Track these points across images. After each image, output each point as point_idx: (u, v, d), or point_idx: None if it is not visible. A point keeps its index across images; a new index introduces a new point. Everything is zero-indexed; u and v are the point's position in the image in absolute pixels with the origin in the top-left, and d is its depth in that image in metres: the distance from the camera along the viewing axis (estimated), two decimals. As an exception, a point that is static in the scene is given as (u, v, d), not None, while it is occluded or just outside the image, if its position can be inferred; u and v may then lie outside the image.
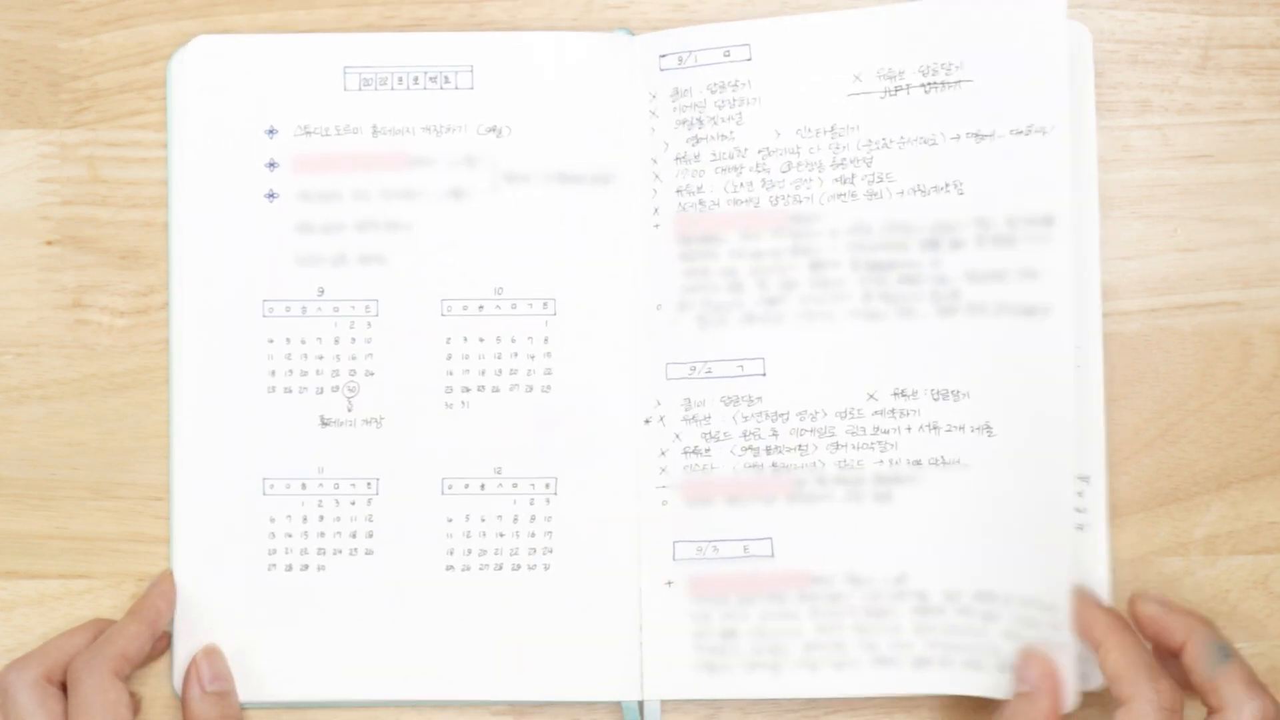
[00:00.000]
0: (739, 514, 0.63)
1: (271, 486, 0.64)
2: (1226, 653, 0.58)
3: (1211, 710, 0.58)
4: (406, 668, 0.63)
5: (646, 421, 0.64)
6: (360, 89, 0.64)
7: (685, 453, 0.64)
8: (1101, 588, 0.63)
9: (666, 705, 0.64)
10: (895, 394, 0.63)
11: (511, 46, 0.64)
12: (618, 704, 0.64)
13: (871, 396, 0.63)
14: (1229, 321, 0.65)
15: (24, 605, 0.64)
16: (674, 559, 0.63)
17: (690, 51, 0.64)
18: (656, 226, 0.64)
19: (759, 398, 0.63)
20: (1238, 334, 0.65)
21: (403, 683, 0.63)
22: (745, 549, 0.63)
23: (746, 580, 0.63)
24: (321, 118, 0.64)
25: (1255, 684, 0.57)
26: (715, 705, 0.64)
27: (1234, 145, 0.65)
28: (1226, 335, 0.65)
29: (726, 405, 0.63)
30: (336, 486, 0.64)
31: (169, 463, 0.64)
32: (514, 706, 0.64)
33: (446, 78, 0.64)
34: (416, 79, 0.64)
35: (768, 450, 0.63)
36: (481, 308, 0.64)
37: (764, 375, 0.63)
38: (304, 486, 0.64)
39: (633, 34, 0.65)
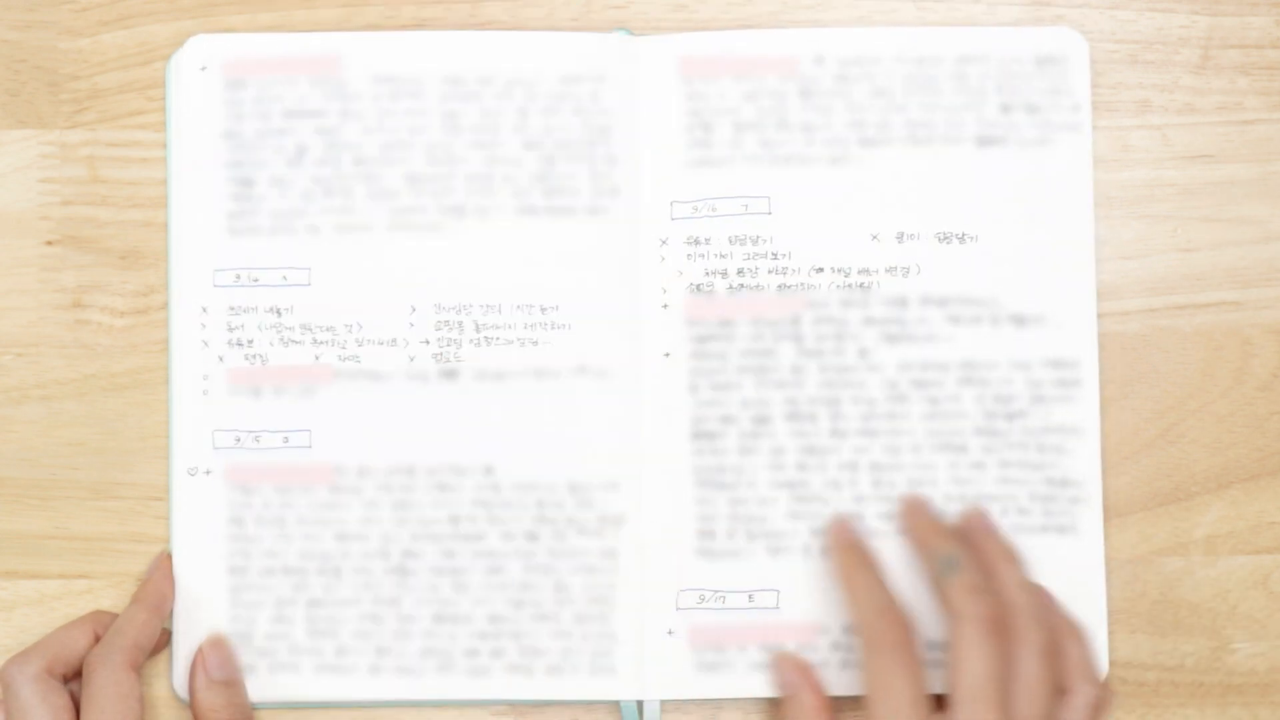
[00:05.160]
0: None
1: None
2: (954, 564, 0.59)
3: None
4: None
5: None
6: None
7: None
8: (1098, 589, 0.63)
9: (666, 705, 0.64)
10: None
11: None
12: (617, 704, 0.64)
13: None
14: (1229, 321, 0.65)
15: (24, 605, 0.64)
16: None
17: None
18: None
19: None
20: (1238, 334, 0.65)
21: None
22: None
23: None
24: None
25: (980, 590, 0.58)
26: (715, 705, 0.64)
27: (1234, 145, 0.65)
28: (1226, 335, 0.65)
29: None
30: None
31: (169, 463, 0.64)
32: (514, 706, 0.64)
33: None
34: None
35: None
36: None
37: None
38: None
39: (632, 34, 0.65)
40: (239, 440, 0.64)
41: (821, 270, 0.64)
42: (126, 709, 0.59)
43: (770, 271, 0.64)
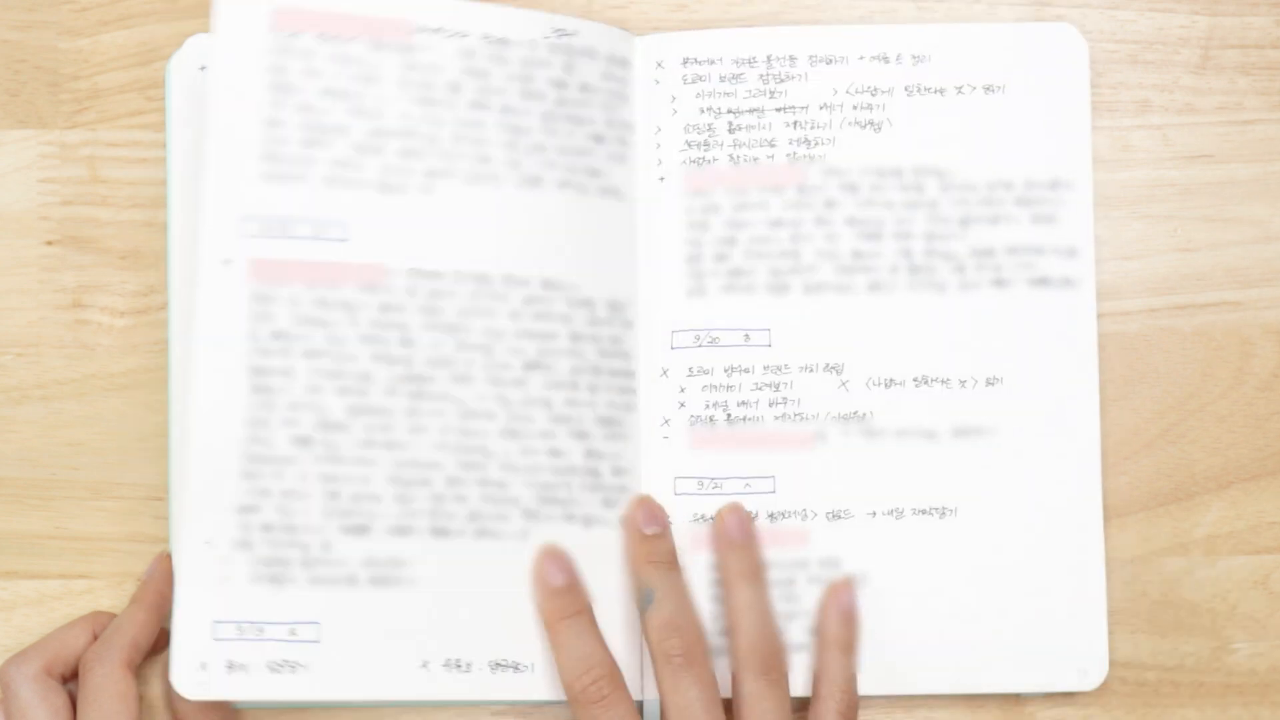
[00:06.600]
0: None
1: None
2: (649, 597, 0.61)
3: None
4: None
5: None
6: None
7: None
8: (1098, 589, 0.63)
9: (666, 705, 0.64)
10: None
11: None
12: (618, 704, 0.64)
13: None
14: (1229, 321, 0.65)
15: (24, 605, 0.64)
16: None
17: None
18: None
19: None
20: (1238, 334, 0.65)
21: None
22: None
23: None
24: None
25: (670, 625, 0.60)
26: (715, 705, 0.64)
27: (1234, 145, 0.65)
28: (1226, 335, 0.65)
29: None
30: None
31: (169, 463, 0.64)
32: (514, 706, 0.64)
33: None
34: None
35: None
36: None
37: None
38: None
39: (633, 34, 0.65)
40: None
41: None
42: (123, 708, 0.59)
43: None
